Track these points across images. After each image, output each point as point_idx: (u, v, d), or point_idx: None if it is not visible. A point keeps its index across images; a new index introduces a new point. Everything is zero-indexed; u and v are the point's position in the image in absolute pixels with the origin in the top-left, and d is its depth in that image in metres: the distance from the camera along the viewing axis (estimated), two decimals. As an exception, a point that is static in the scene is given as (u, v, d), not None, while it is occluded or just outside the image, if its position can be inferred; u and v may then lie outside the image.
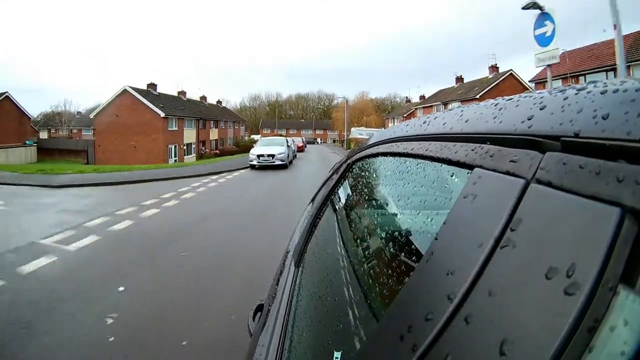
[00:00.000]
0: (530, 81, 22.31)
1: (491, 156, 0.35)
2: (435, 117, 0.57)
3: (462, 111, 0.49)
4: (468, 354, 0.25)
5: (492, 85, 25.84)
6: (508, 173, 0.31)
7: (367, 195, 0.92)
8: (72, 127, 49.01)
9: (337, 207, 1.11)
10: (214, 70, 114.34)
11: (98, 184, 10.64)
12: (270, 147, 15.06)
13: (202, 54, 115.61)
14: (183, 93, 33.01)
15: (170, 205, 7.36)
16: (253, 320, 1.10)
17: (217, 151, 31.52)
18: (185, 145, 27.81)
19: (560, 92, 0.33)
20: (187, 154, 28.01)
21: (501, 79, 26.45)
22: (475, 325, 0.25)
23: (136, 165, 17.16)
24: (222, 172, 13.24)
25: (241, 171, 13.78)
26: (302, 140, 32.52)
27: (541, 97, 0.34)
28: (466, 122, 0.45)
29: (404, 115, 37.84)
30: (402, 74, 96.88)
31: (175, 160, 25.90)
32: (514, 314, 0.23)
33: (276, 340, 0.77)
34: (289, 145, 16.33)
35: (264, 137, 19.65)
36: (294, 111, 75.83)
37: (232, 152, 29.22)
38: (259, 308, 1.11)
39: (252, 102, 76.68)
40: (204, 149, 31.06)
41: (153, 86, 28.03)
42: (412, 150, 0.57)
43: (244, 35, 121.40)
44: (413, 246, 0.52)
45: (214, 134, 33.96)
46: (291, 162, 16.65)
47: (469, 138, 0.41)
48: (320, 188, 1.63)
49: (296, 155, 20.86)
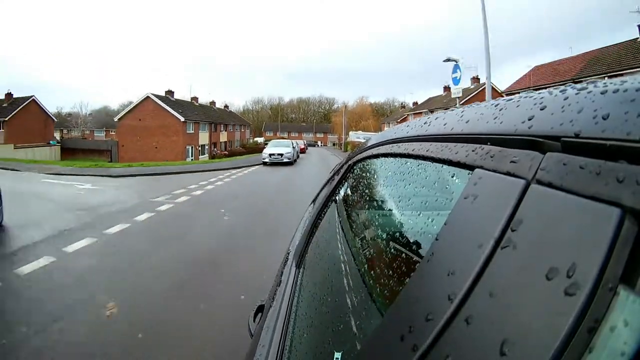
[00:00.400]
0: (503, 92, 24.15)
1: (492, 157, 0.35)
2: (436, 118, 0.57)
3: (462, 112, 0.48)
4: (469, 354, 0.25)
5: (471, 95, 28.16)
6: (508, 174, 0.31)
7: (368, 196, 0.92)
8: (86, 128, 50.92)
9: (338, 208, 1.11)
10: (214, 70, 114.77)
11: (149, 174, 13.06)
12: (279, 147, 18.63)
13: (202, 54, 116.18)
14: (195, 99, 36.74)
15: (211, 188, 10.01)
16: (254, 320, 1.09)
17: (227, 152, 34.64)
18: (200, 146, 31.31)
19: (560, 92, 0.33)
20: (201, 154, 31.30)
21: (480, 89, 28.67)
22: (476, 325, 0.25)
23: (168, 162, 20.83)
24: (241, 167, 16.38)
25: (256, 167, 16.91)
26: (304, 142, 35.46)
27: (541, 98, 0.34)
28: (467, 122, 0.45)
29: (398, 120, 39.89)
30: (402, 76, 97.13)
31: (192, 159, 28.78)
32: (515, 315, 0.23)
33: (277, 340, 0.77)
34: (293, 146, 20.19)
35: (274, 140, 23.96)
36: (296, 114, 76.45)
37: (240, 153, 31.99)
38: (260, 309, 1.11)
39: (254, 105, 77.37)
40: (216, 150, 34.21)
41: (170, 93, 31.89)
42: (413, 151, 0.56)
43: (243, 35, 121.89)
44: (414, 247, 0.52)
45: (223, 137, 37.42)
46: (295, 160, 20.06)
47: (469, 139, 0.41)
48: (322, 189, 1.63)
49: (299, 155, 23.88)
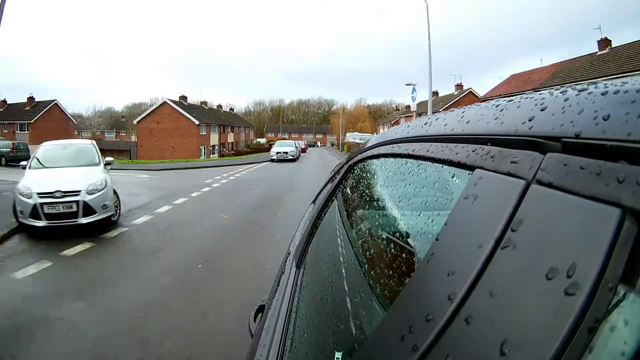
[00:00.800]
0: (482, 97, 25.53)
1: (492, 157, 0.35)
2: (437, 118, 0.57)
3: (463, 112, 0.48)
4: (469, 354, 0.25)
5: (453, 101, 30.21)
6: (509, 174, 0.31)
7: (368, 197, 0.92)
8: (98, 129, 52.86)
9: (339, 208, 1.11)
10: (214, 70, 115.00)
11: (182, 168, 16.38)
12: (284, 147, 23.48)
13: (202, 54, 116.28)
14: (205, 103, 40.68)
15: (239, 176, 13.54)
16: (254, 321, 1.09)
17: (234, 151, 37.45)
18: (211, 146, 34.84)
19: (561, 93, 0.33)
20: (212, 154, 34.71)
21: (461, 95, 31.27)
22: (476, 325, 0.25)
23: (190, 159, 25.78)
24: (253, 163, 19.95)
25: (264, 163, 20.59)
26: (304, 143, 39.72)
27: (542, 98, 0.34)
28: (467, 123, 0.44)
29: (391, 123, 41.61)
30: (401, 77, 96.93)
31: (204, 158, 31.76)
32: (515, 315, 0.23)
33: (277, 341, 0.77)
34: (296, 146, 24.78)
35: (278, 141, 29.15)
36: (296, 116, 77.54)
37: (246, 153, 35.27)
38: (260, 309, 1.11)
39: (256, 107, 78.61)
40: (224, 150, 37.57)
41: (184, 98, 35.32)
42: (413, 151, 0.56)
43: (243, 35, 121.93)
44: (414, 247, 0.52)
45: (230, 138, 41.07)
46: (298, 157, 24.13)
47: (470, 139, 0.41)
48: (322, 189, 1.62)
49: (300, 154, 27.53)
